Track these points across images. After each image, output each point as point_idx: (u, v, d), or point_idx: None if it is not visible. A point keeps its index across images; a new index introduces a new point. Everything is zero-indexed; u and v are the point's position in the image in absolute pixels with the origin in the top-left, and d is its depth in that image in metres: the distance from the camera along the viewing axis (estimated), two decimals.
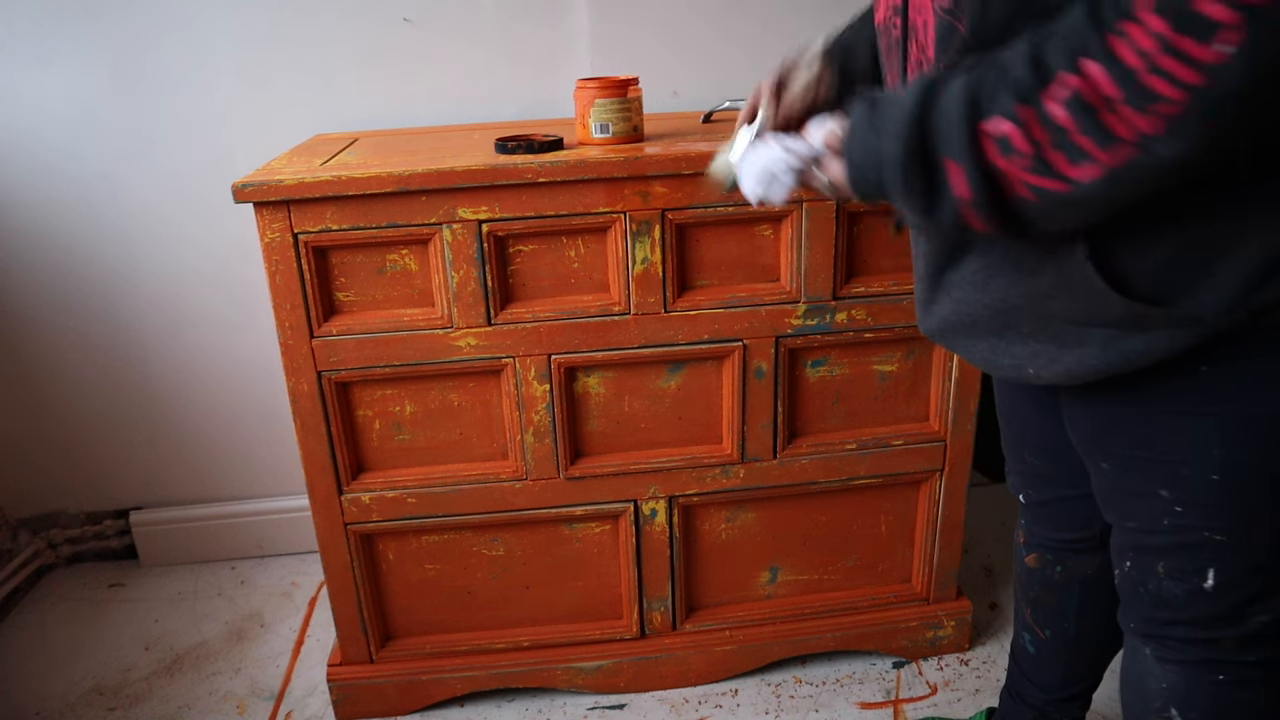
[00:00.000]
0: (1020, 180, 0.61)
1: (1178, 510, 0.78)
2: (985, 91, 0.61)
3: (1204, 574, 0.79)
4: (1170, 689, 0.85)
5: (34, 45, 1.50)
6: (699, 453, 1.32)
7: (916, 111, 0.64)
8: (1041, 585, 1.11)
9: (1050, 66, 0.58)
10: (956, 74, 0.64)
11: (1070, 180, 0.59)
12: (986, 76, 0.61)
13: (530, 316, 1.22)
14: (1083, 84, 0.56)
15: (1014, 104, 0.59)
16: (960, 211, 0.65)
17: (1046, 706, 1.17)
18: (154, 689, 1.50)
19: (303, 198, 1.12)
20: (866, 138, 0.69)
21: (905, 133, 0.64)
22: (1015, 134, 0.60)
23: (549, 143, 1.19)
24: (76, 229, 1.61)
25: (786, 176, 0.77)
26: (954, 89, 0.63)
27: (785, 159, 0.76)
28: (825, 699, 1.43)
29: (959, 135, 0.62)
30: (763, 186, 0.79)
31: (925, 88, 0.64)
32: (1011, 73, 0.60)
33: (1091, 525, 1.04)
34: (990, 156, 0.61)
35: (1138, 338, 0.71)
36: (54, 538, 1.83)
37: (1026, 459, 1.06)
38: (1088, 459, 0.87)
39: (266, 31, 1.53)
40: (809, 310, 1.25)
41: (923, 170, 0.65)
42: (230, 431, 1.78)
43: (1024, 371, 0.80)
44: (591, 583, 1.40)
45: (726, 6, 1.59)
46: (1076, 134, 0.57)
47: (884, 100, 0.68)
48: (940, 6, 0.69)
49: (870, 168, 0.69)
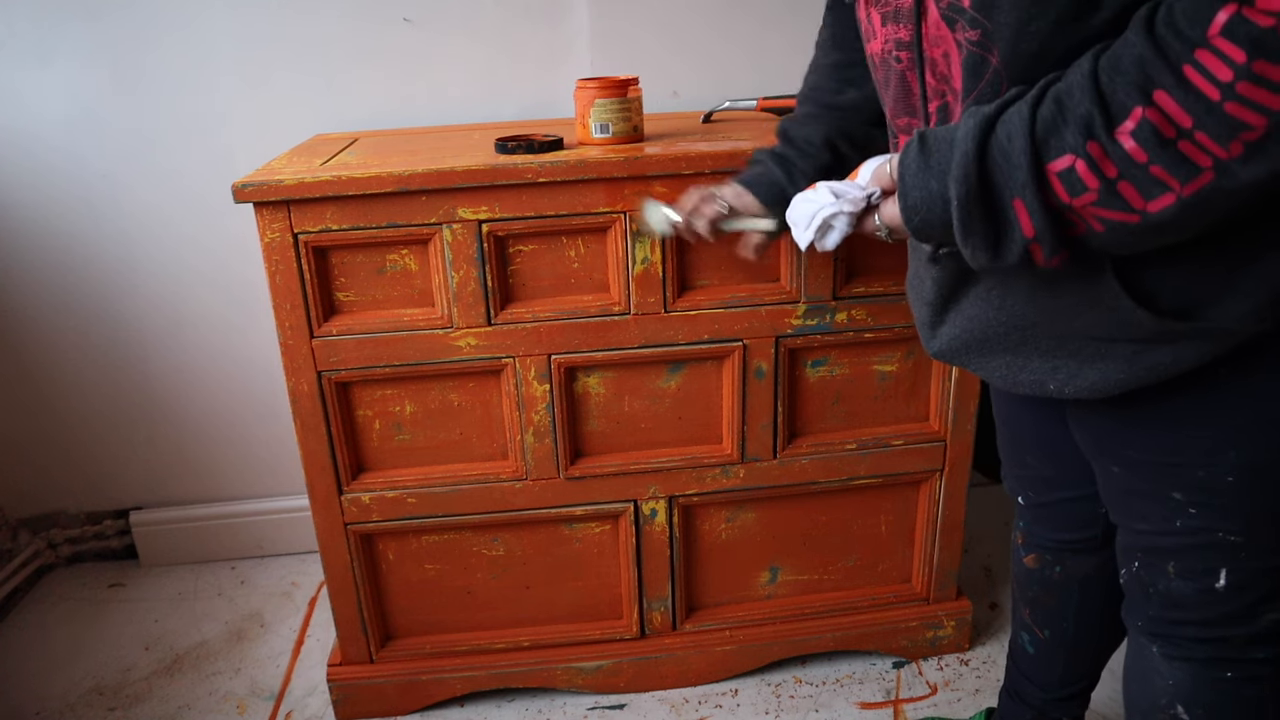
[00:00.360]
0: (1090, 215, 0.61)
1: (1191, 512, 0.78)
2: (1048, 128, 0.60)
3: (1216, 574, 0.79)
4: (1177, 686, 0.85)
5: (34, 45, 1.50)
6: (699, 453, 1.32)
7: (976, 151, 0.63)
8: (1040, 585, 1.11)
9: (1119, 100, 0.57)
10: (1008, 108, 0.63)
11: (1143, 211, 0.59)
12: (1046, 113, 0.61)
13: (530, 316, 1.22)
14: (1156, 115, 0.56)
15: (1082, 140, 0.59)
16: (1028, 250, 0.64)
17: (1046, 706, 1.17)
18: (154, 689, 1.50)
19: (303, 198, 1.12)
20: (923, 180, 0.67)
21: (966, 175, 0.63)
22: (1084, 170, 0.59)
23: (549, 143, 1.19)
24: (76, 229, 1.61)
25: (841, 223, 0.76)
26: (1012, 126, 0.62)
27: (838, 206, 0.75)
28: (825, 699, 1.43)
29: (1024, 175, 0.61)
30: (816, 235, 0.77)
31: (981, 125, 0.63)
32: (1074, 109, 0.59)
33: (1093, 525, 1.03)
34: (1058, 194, 0.61)
35: (1164, 350, 0.70)
36: (54, 538, 1.83)
37: (1027, 462, 1.05)
38: (1096, 462, 0.86)
39: (266, 31, 1.53)
40: (809, 310, 1.25)
41: (987, 212, 0.64)
42: (230, 431, 1.78)
43: (1045, 387, 0.79)
44: (591, 583, 1.40)
45: (726, 6, 1.59)
46: (1151, 166, 0.57)
47: (936, 139, 0.67)
48: (968, 39, 0.68)
49: (930, 210, 0.68)
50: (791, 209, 0.80)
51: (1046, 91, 0.62)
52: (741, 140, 1.24)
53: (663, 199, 1.17)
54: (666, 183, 1.17)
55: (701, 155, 1.16)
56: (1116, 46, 0.59)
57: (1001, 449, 1.10)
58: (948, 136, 0.66)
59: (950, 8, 0.69)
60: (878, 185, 0.75)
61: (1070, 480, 1.02)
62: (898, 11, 0.76)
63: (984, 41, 0.67)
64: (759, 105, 1.47)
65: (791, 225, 0.80)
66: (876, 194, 0.75)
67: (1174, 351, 0.70)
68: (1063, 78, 0.61)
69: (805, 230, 0.78)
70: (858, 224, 0.76)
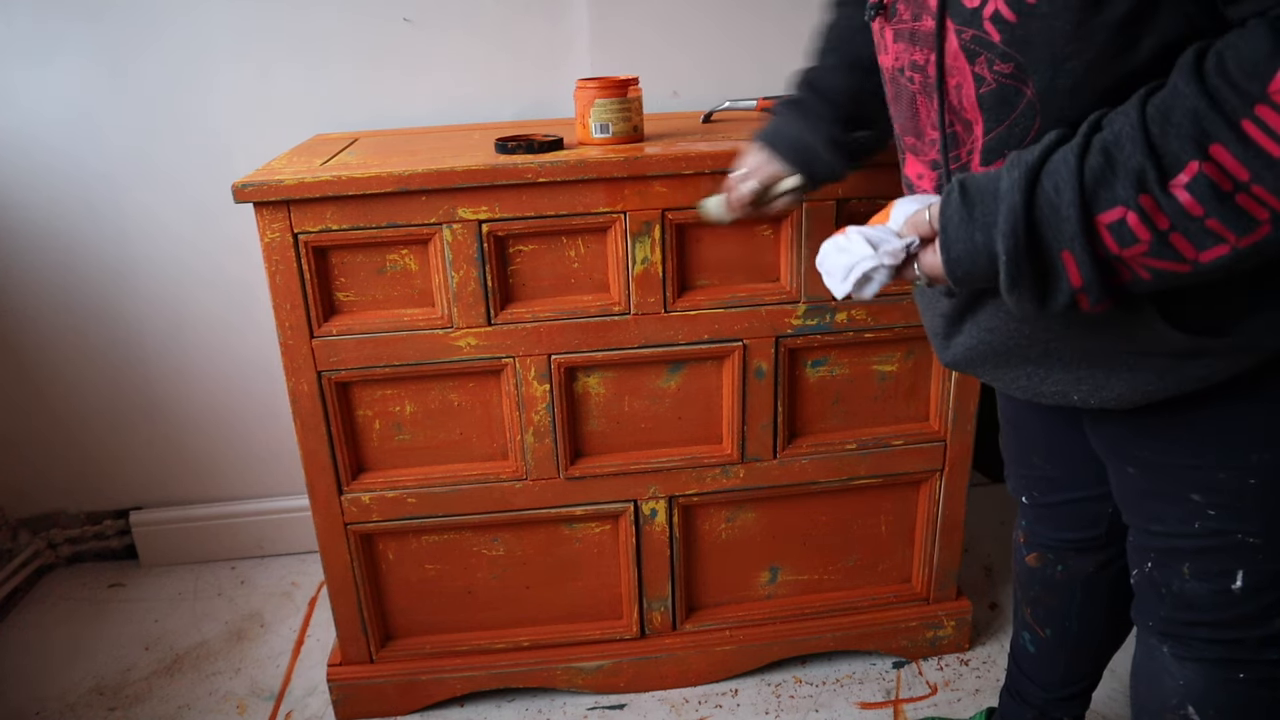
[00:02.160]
0: (1139, 265, 0.61)
1: (1211, 514, 0.77)
2: (1097, 180, 0.60)
3: (1233, 576, 0.79)
4: (1188, 686, 0.85)
5: (34, 46, 1.50)
6: (699, 453, 1.32)
7: (1022, 203, 0.62)
8: (1042, 585, 1.11)
9: (1172, 153, 0.57)
10: (1050, 156, 0.62)
11: (1194, 261, 0.59)
12: (1094, 164, 0.60)
13: (530, 316, 1.22)
14: (1213, 170, 0.55)
15: (1134, 193, 0.58)
16: (1074, 298, 0.63)
17: (1047, 705, 1.17)
18: (154, 689, 1.50)
19: (303, 198, 1.12)
20: (967, 232, 0.66)
21: (1014, 229, 0.62)
22: (1136, 223, 0.59)
23: (549, 143, 1.19)
24: (76, 229, 1.61)
25: (881, 275, 0.74)
26: (1059, 177, 0.61)
27: (878, 260, 0.73)
28: (825, 699, 1.43)
29: (1073, 227, 0.61)
30: (855, 288, 0.75)
31: (1026, 176, 0.62)
32: (1125, 161, 0.58)
33: (1097, 525, 1.03)
34: (1107, 245, 0.60)
35: (1197, 364, 0.70)
36: (54, 538, 1.83)
37: (1033, 462, 1.05)
38: (1111, 463, 0.86)
39: (266, 31, 1.53)
40: (809, 310, 1.25)
41: (1035, 265, 0.63)
42: (230, 431, 1.78)
43: (1069, 398, 0.79)
44: (591, 583, 1.40)
45: (726, 5, 1.59)
46: (1207, 219, 0.57)
47: (978, 190, 0.66)
48: (998, 73, 0.67)
49: (974, 263, 0.66)
50: (824, 258, 0.77)
51: (1091, 140, 0.61)
52: (741, 140, 1.23)
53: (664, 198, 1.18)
54: (666, 183, 1.17)
55: (701, 155, 1.16)
56: (1166, 96, 0.58)
57: (1006, 449, 1.10)
58: (991, 187, 0.65)
59: (975, 40, 0.68)
60: (915, 233, 0.72)
61: (1077, 481, 1.01)
62: (914, 34, 0.74)
63: (1018, 74, 0.66)
64: (759, 105, 1.46)
65: (824, 274, 0.77)
66: (915, 243, 0.72)
67: (1207, 365, 0.70)
68: (1107, 125, 0.60)
69: (843, 282, 0.75)
70: (897, 274, 0.74)
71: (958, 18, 0.69)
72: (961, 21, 0.68)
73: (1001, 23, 0.65)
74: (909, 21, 0.75)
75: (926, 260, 0.72)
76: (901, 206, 0.75)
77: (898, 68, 0.79)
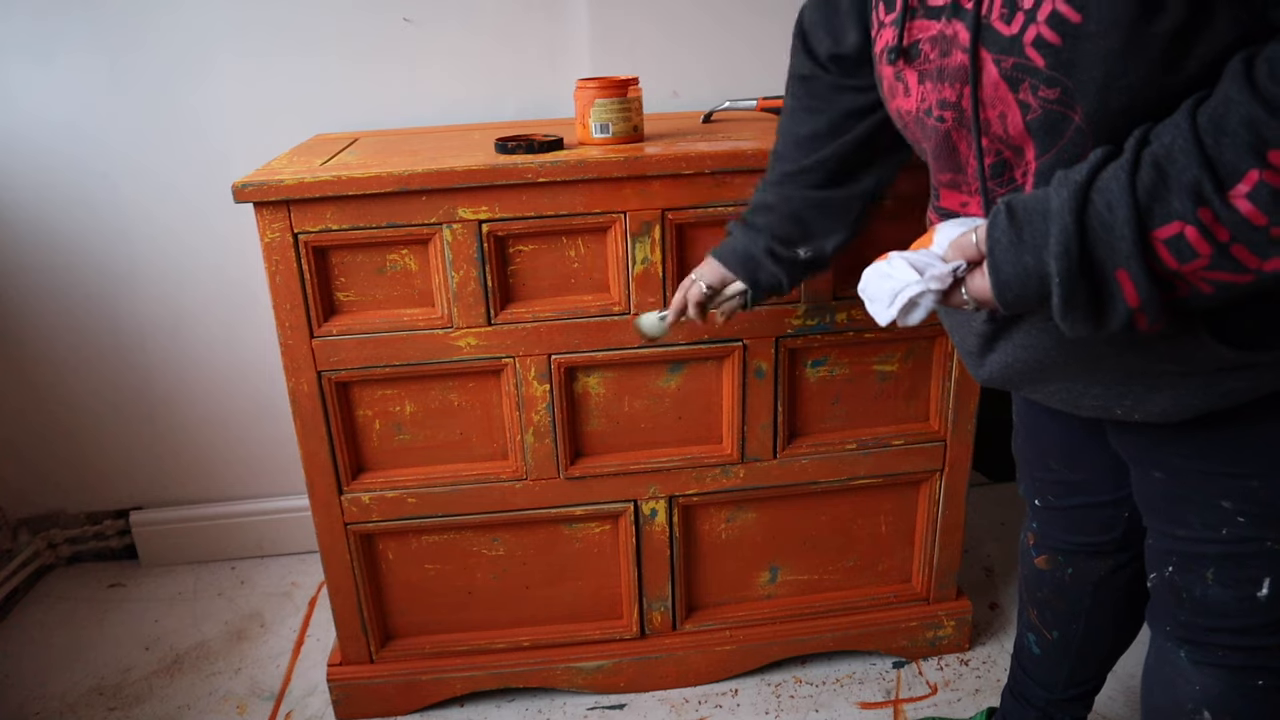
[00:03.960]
0: (1198, 279, 0.60)
1: (1240, 520, 0.77)
2: (1151, 195, 0.58)
3: (1259, 583, 0.78)
4: (1204, 691, 0.85)
5: (33, 46, 1.50)
6: (699, 453, 1.32)
7: (1074, 223, 0.60)
8: (1051, 587, 1.10)
9: (1228, 162, 0.56)
10: (1099, 173, 0.61)
11: (1258, 270, 0.58)
12: (1147, 179, 0.58)
13: (530, 316, 1.22)
14: (1273, 176, 0.54)
15: (1192, 206, 0.57)
16: (1132, 318, 0.62)
17: (1049, 707, 1.17)
18: (154, 689, 1.50)
19: (303, 198, 1.12)
20: (1016, 255, 0.64)
21: (1067, 250, 0.61)
22: (1195, 237, 0.57)
23: (549, 143, 1.19)
24: (76, 229, 1.61)
25: (928, 301, 0.71)
26: (1111, 195, 0.59)
27: (925, 285, 0.70)
28: (825, 699, 1.43)
29: (1129, 245, 0.59)
30: (900, 314, 0.72)
31: (1076, 195, 0.61)
32: (1179, 174, 0.57)
33: (1112, 529, 1.02)
34: (1165, 261, 0.59)
35: (1242, 376, 0.69)
36: (54, 538, 1.83)
37: (1050, 466, 1.03)
38: (1136, 467, 0.85)
39: (266, 31, 1.53)
40: (809, 310, 1.25)
41: (1089, 286, 0.62)
42: (230, 431, 1.78)
43: (1111, 412, 0.78)
44: (591, 583, 1.40)
45: (727, 5, 1.59)
46: (1272, 228, 0.56)
47: (1026, 211, 0.64)
48: (1043, 99, 0.66)
49: (1025, 286, 0.64)
50: (866, 284, 0.74)
51: (1141, 154, 0.59)
52: (741, 140, 1.24)
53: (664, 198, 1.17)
54: (666, 183, 1.17)
55: (701, 155, 1.16)
56: (1216, 104, 0.57)
57: (1019, 452, 1.08)
58: (1040, 208, 0.63)
59: (1017, 68, 0.66)
60: (961, 256, 0.69)
61: (1095, 485, 1.00)
62: (943, 71, 0.73)
63: (1065, 99, 0.65)
64: (759, 105, 1.46)
65: (867, 301, 0.75)
66: (962, 267, 0.69)
67: (1253, 378, 0.69)
68: (1156, 139, 0.59)
69: (888, 308, 0.72)
70: (944, 299, 0.72)
71: (994, 47, 0.67)
72: (1000, 50, 0.67)
73: (1046, 47, 0.64)
74: (936, 60, 0.74)
75: (975, 284, 0.69)
76: (945, 230, 0.73)
77: (924, 109, 0.77)
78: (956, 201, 0.79)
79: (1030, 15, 0.64)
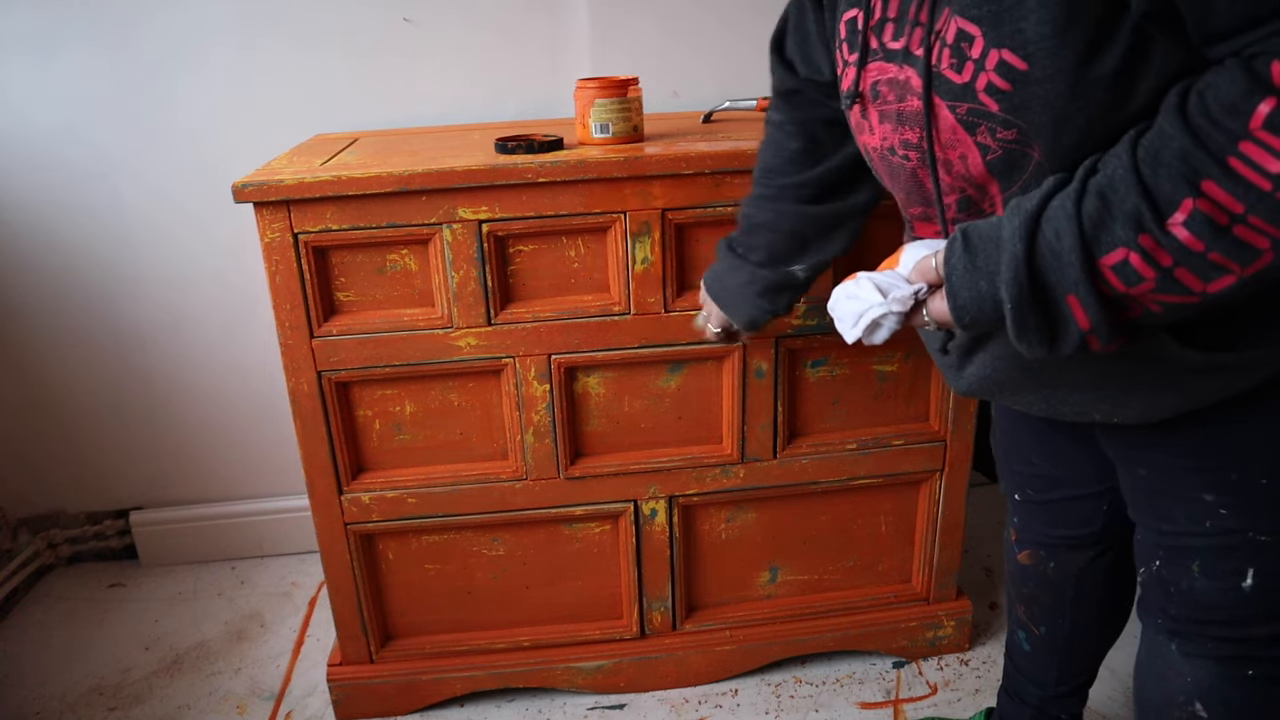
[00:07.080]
0: (1148, 300, 0.62)
1: (1223, 513, 0.78)
2: (1095, 224, 0.61)
3: (1243, 574, 0.79)
4: (1195, 683, 0.85)
5: (33, 46, 1.50)
6: (699, 453, 1.32)
7: (1025, 253, 0.63)
8: (1035, 582, 1.11)
9: (1165, 193, 0.58)
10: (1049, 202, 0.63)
11: (1202, 292, 0.60)
12: (1091, 208, 0.61)
13: (530, 316, 1.22)
14: (1207, 205, 0.56)
15: (1133, 234, 0.59)
16: (1084, 340, 0.64)
17: (1044, 703, 1.17)
18: (154, 689, 1.50)
19: (303, 198, 1.12)
20: (972, 281, 0.67)
21: (1017, 277, 0.63)
22: (1139, 262, 0.60)
23: (549, 143, 1.19)
24: (76, 230, 1.61)
25: (890, 322, 0.75)
26: (1059, 224, 0.62)
27: (887, 307, 0.74)
28: (825, 699, 1.43)
29: (1077, 272, 0.61)
30: (865, 334, 0.76)
31: (1026, 224, 0.63)
32: (1121, 204, 0.59)
33: (1092, 522, 1.03)
34: (1113, 284, 0.61)
35: (1215, 377, 0.71)
36: (54, 538, 1.83)
37: (1031, 461, 1.05)
38: (1121, 464, 0.87)
39: (266, 31, 1.53)
40: (809, 310, 1.25)
41: (1041, 310, 0.64)
42: (230, 431, 1.78)
43: (1089, 416, 0.80)
44: (591, 583, 1.40)
45: (727, 5, 1.59)
46: (1209, 253, 0.58)
47: (980, 238, 0.67)
48: (1003, 140, 0.68)
49: (980, 310, 0.67)
50: (834, 304, 0.79)
51: (1087, 185, 0.61)
52: (742, 140, 1.24)
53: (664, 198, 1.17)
54: (666, 183, 1.17)
55: (701, 155, 1.16)
56: (1153, 138, 0.59)
57: (998, 446, 1.10)
58: (993, 235, 0.66)
59: (971, 113, 0.69)
60: (923, 279, 0.73)
61: (1075, 479, 1.02)
62: (901, 115, 0.75)
63: (1022, 139, 0.67)
64: (759, 105, 1.47)
65: (835, 320, 0.79)
66: (924, 289, 0.73)
67: (1224, 378, 0.71)
68: (1102, 168, 0.61)
69: (853, 328, 0.76)
70: (906, 320, 0.75)
71: (947, 95, 0.70)
72: (952, 98, 0.69)
73: (997, 92, 0.66)
74: (894, 103, 0.76)
75: (935, 307, 0.72)
76: (910, 251, 0.75)
77: (887, 147, 0.79)
78: (931, 232, 0.82)
79: (979, 64, 0.66)
